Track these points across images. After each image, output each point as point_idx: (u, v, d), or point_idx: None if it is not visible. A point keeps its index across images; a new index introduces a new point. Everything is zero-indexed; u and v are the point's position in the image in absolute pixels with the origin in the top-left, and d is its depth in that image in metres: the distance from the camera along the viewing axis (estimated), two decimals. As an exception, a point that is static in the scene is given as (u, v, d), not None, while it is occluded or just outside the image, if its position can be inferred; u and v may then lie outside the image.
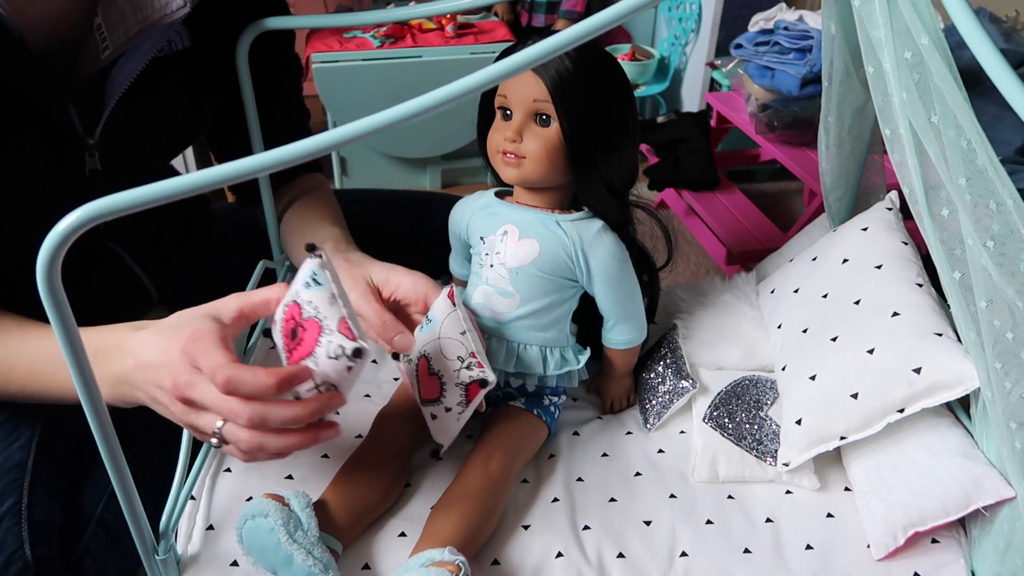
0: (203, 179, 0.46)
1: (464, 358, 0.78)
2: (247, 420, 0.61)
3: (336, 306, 0.65)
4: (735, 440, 0.88)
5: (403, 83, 2.27)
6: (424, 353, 0.80)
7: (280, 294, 0.70)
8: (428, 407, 0.83)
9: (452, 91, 0.46)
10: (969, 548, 0.77)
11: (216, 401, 0.62)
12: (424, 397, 0.82)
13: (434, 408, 0.82)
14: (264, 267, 1.07)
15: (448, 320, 0.77)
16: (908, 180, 0.71)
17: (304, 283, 0.66)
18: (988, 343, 0.67)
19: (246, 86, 0.93)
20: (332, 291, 0.66)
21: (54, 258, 0.46)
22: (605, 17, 0.47)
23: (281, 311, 0.68)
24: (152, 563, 0.68)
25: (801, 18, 1.78)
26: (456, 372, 0.78)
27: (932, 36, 0.60)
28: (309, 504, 0.71)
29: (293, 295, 0.67)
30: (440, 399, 0.81)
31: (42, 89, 0.74)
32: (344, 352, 0.63)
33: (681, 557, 0.77)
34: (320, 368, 0.64)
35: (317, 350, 0.64)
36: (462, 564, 0.67)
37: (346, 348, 0.63)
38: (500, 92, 0.83)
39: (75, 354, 0.51)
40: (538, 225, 0.86)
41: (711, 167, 2.15)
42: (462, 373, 0.78)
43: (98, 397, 0.55)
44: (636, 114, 0.86)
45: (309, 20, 0.96)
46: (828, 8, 0.85)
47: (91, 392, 0.54)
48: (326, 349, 0.64)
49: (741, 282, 1.13)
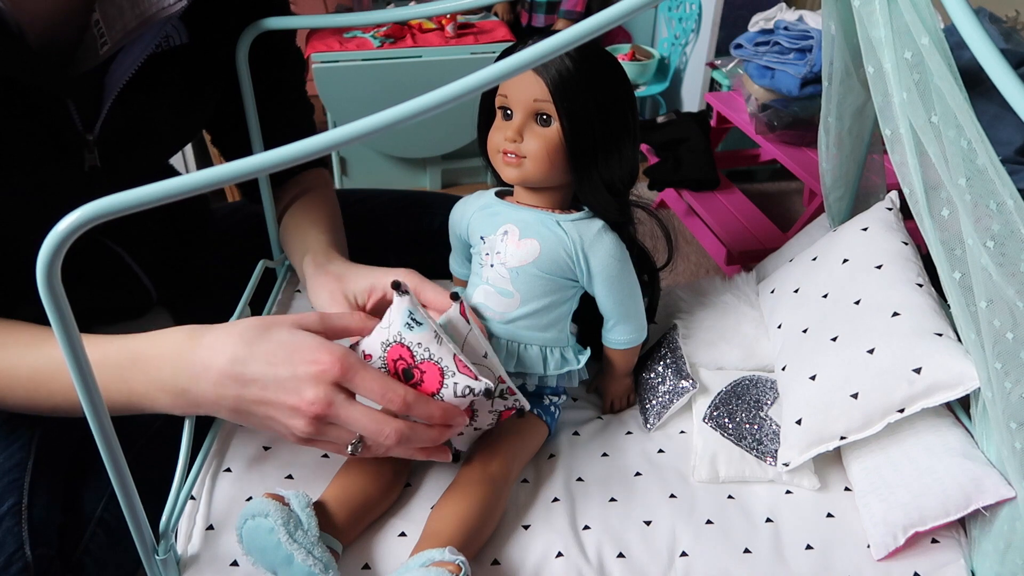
0: (203, 179, 0.46)
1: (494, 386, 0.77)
2: (396, 439, 0.66)
3: (445, 345, 0.71)
4: (735, 440, 0.88)
5: (403, 83, 2.27)
6: None
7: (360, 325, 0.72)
8: None
9: (452, 91, 0.46)
10: (969, 548, 0.77)
11: (363, 420, 0.65)
12: None
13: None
14: (264, 267, 1.07)
15: (467, 344, 0.76)
16: (908, 180, 0.71)
17: (405, 324, 0.70)
18: (988, 343, 0.67)
19: (246, 86, 0.93)
20: (435, 329, 0.71)
21: (54, 259, 0.46)
22: (605, 17, 0.47)
23: (381, 350, 0.71)
24: (152, 563, 0.68)
25: (801, 18, 1.78)
26: (490, 401, 0.78)
27: (932, 36, 0.60)
28: (309, 504, 0.71)
29: (394, 336, 0.70)
30: (472, 421, 0.80)
31: (41, 84, 0.74)
32: (473, 392, 0.70)
33: (681, 557, 0.77)
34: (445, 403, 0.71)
35: (443, 392, 0.70)
36: (462, 564, 0.67)
37: (475, 389, 0.70)
38: (500, 92, 0.83)
39: (75, 354, 0.51)
40: (538, 225, 0.86)
41: (711, 167, 2.15)
42: (495, 402, 0.79)
43: (98, 397, 0.55)
44: (636, 114, 0.86)
45: (309, 20, 0.96)
46: (828, 8, 0.85)
47: (91, 393, 0.54)
48: (452, 390, 0.70)
49: (741, 282, 1.13)
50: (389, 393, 0.66)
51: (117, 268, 0.98)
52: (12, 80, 0.72)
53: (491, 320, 0.87)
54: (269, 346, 0.66)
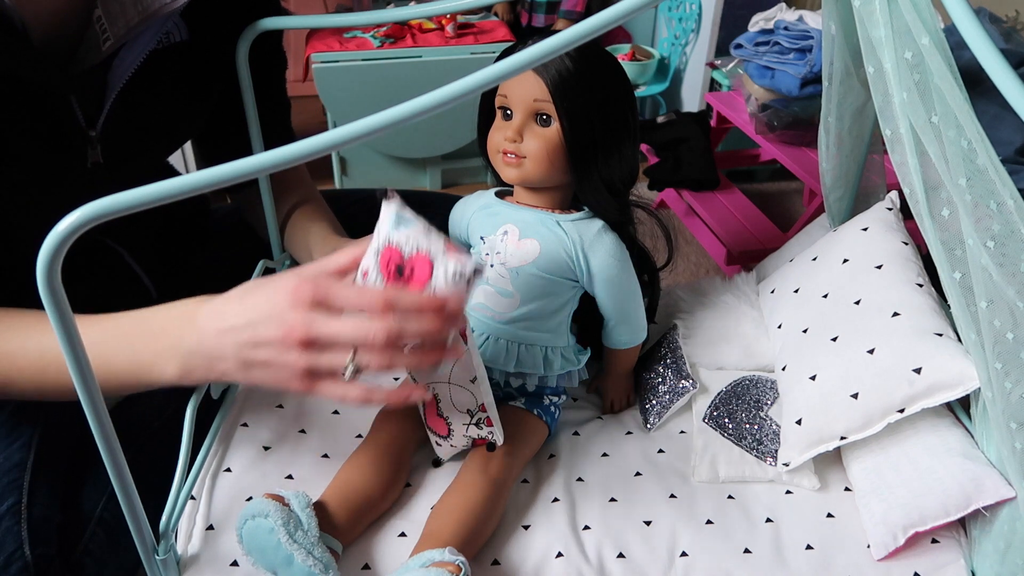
0: (203, 179, 0.46)
1: (474, 412, 0.77)
2: (385, 335, 0.62)
3: (434, 235, 0.67)
4: (735, 440, 0.88)
5: (403, 83, 2.27)
6: (433, 391, 0.79)
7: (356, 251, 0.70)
8: (433, 436, 0.83)
9: (452, 91, 0.46)
10: (969, 548, 0.77)
11: (346, 329, 0.62)
12: (430, 426, 0.83)
13: (438, 439, 0.83)
14: (264, 267, 1.07)
15: (460, 363, 0.76)
16: (908, 180, 0.71)
17: (392, 225, 0.67)
18: (988, 343, 0.67)
19: (246, 87, 0.93)
20: (425, 224, 0.68)
21: (54, 258, 0.46)
22: (605, 17, 0.47)
23: (374, 259, 0.68)
24: (152, 563, 0.68)
25: (801, 18, 1.78)
26: (465, 426, 0.79)
27: (932, 36, 0.60)
28: (309, 504, 0.71)
29: (383, 241, 0.68)
30: (448, 437, 0.82)
31: (45, 81, 0.74)
32: (463, 272, 0.65)
33: (681, 557, 0.77)
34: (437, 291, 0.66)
35: (434, 282, 0.66)
36: (462, 564, 0.67)
37: (465, 267, 0.65)
38: (500, 92, 0.83)
39: (75, 354, 0.51)
40: (538, 225, 0.86)
41: (711, 167, 2.14)
42: (471, 428, 0.79)
43: (98, 397, 0.55)
44: (636, 114, 0.86)
45: (309, 20, 0.96)
46: (828, 8, 0.85)
47: (91, 392, 0.54)
48: (444, 274, 0.65)
49: (741, 282, 1.13)
50: (366, 296, 0.64)
51: (116, 266, 0.99)
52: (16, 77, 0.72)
53: (491, 320, 0.87)
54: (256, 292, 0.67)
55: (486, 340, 0.87)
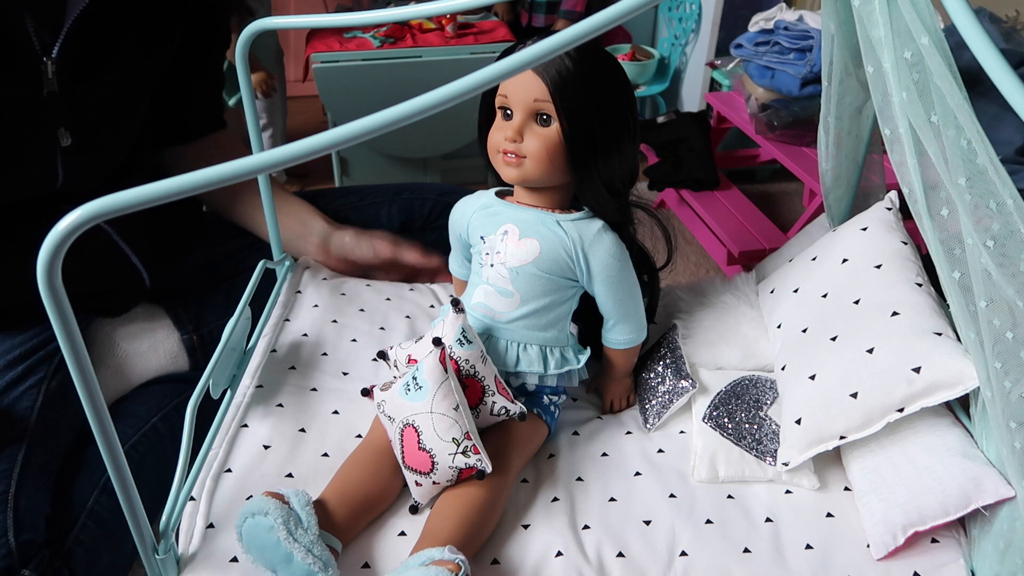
0: (203, 179, 0.46)
1: (459, 440, 0.75)
2: None
3: (488, 366, 0.80)
4: (735, 440, 0.88)
5: (403, 83, 2.27)
6: (413, 423, 0.77)
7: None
8: (413, 475, 0.79)
9: (452, 91, 0.46)
10: (969, 548, 0.77)
11: None
12: (409, 465, 0.78)
13: (420, 478, 0.78)
14: (264, 267, 1.07)
15: (441, 391, 0.75)
16: (908, 180, 0.71)
17: (456, 340, 0.79)
18: (988, 343, 0.67)
19: (244, 85, 0.93)
20: (481, 350, 0.80)
21: (54, 257, 0.46)
22: (605, 17, 0.47)
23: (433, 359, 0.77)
24: (152, 562, 0.68)
25: (801, 18, 1.78)
26: (451, 456, 0.76)
27: (932, 36, 0.60)
28: (309, 502, 0.71)
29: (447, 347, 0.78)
30: (430, 474, 0.77)
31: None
32: (509, 414, 0.81)
33: (681, 557, 0.77)
34: (479, 420, 0.80)
35: (481, 408, 0.80)
36: (462, 563, 0.67)
37: (511, 411, 0.81)
38: (501, 92, 0.83)
39: (75, 353, 0.51)
40: (538, 225, 0.86)
41: (711, 167, 2.15)
42: (457, 458, 0.76)
43: (98, 396, 0.55)
44: (636, 114, 0.86)
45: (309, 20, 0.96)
46: (828, 8, 0.85)
47: (91, 391, 0.54)
48: (490, 408, 0.80)
49: (741, 282, 1.13)
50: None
51: (112, 253, 0.99)
52: None
53: (491, 320, 0.88)
54: None
55: (486, 340, 0.87)
